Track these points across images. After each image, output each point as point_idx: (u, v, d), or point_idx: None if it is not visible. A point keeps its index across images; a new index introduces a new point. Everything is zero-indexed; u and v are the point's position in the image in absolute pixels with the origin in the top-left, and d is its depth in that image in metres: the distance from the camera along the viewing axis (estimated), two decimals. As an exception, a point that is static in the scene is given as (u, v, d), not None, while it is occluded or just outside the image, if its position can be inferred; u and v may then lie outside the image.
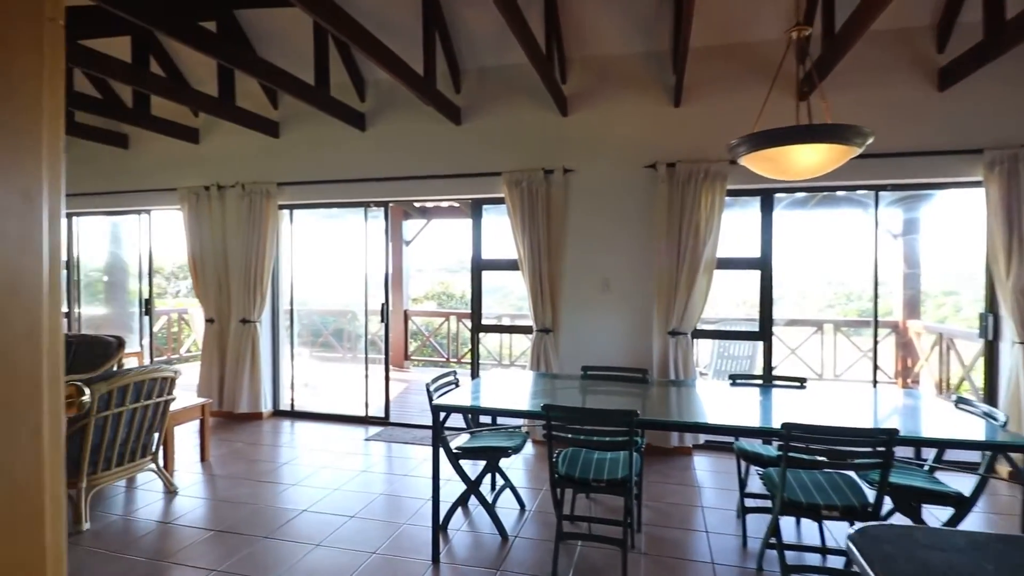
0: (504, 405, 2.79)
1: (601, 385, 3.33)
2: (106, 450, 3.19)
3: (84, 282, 6.85)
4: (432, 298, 16.12)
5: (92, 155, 6.11)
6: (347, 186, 5.11)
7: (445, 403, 2.77)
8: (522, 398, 3.03)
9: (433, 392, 3.01)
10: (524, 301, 4.55)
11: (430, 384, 3.01)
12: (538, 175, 4.46)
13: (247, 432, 4.94)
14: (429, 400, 2.88)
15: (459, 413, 2.83)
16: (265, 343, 5.46)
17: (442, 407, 2.73)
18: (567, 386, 3.33)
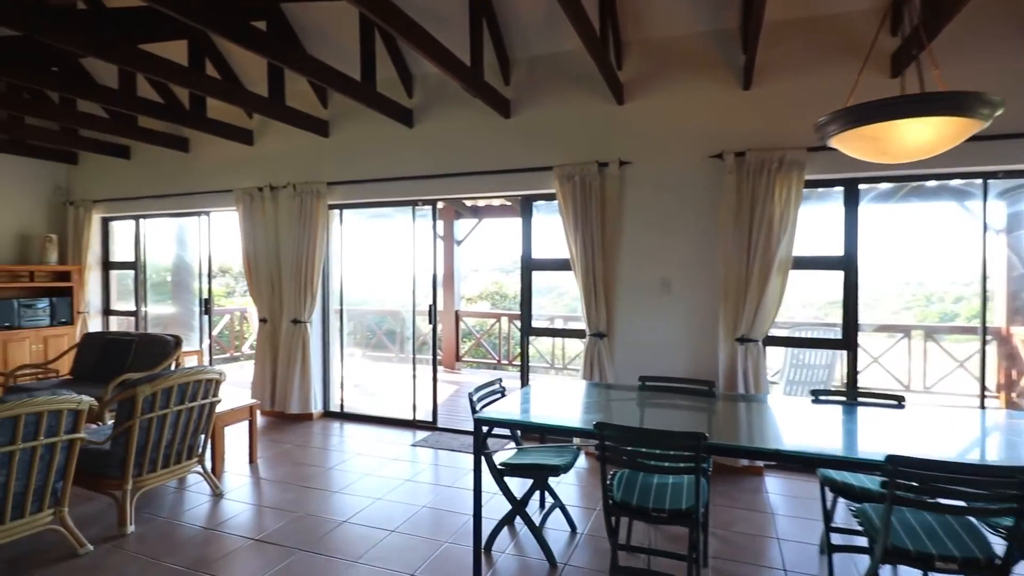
0: (553, 420, 2.53)
1: (661, 398, 3.01)
2: (151, 452, 3.17)
3: (151, 282, 7.11)
4: (486, 298, 16.03)
5: (156, 159, 6.30)
6: (395, 184, 5.00)
7: (488, 416, 2.54)
8: (573, 412, 2.76)
9: (477, 402, 2.79)
10: (579, 301, 4.27)
11: (473, 394, 2.79)
12: (591, 168, 4.17)
13: (296, 433, 4.91)
14: (472, 411, 2.67)
15: (504, 428, 2.58)
16: (315, 344, 5.44)
17: (485, 420, 2.51)
18: (623, 399, 3.03)
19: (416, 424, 5.13)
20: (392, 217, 6.36)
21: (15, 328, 5.99)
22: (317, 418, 5.42)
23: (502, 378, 3.12)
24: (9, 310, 5.95)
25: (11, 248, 6.44)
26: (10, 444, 2.46)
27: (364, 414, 5.44)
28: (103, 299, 6.93)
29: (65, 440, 2.68)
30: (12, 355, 5.93)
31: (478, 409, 2.73)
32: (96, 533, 2.99)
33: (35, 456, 2.57)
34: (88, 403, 2.73)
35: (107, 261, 6.94)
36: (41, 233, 6.59)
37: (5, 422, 2.43)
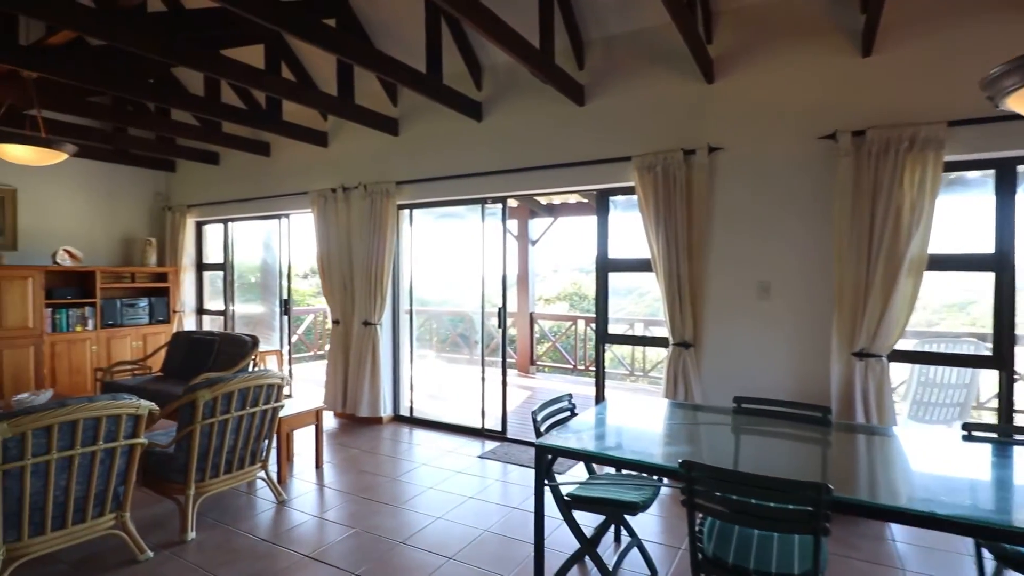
0: (630, 451, 2.16)
1: (761, 425, 2.53)
2: (213, 457, 3.12)
3: (238, 282, 7.41)
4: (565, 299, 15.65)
5: (241, 164, 6.51)
6: (463, 182, 4.77)
7: (552, 444, 2.20)
8: (654, 440, 2.36)
9: (541, 422, 2.46)
10: (661, 304, 3.83)
11: (537, 412, 2.46)
12: (676, 157, 3.71)
13: (364, 438, 4.82)
14: (536, 433, 2.34)
15: (571, 459, 2.21)
16: (385, 346, 5.35)
17: (549, 449, 2.17)
18: (714, 423, 2.59)
19: (484, 433, 4.88)
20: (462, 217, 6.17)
21: (118, 326, 6.40)
22: (386, 422, 5.32)
23: (572, 394, 2.76)
24: (113, 309, 6.36)
25: (117, 251, 6.91)
26: (69, 448, 2.44)
27: (433, 420, 5.27)
28: (196, 299, 7.29)
29: (125, 445, 2.65)
30: (115, 351, 6.34)
31: (542, 431, 2.40)
32: (158, 538, 2.96)
33: (95, 460, 2.55)
34: (147, 408, 2.69)
35: (200, 263, 7.30)
36: (142, 237, 7.03)
37: (65, 426, 2.41)
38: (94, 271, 6.21)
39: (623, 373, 7.77)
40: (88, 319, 6.14)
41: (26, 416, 2.30)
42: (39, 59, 3.59)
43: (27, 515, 2.38)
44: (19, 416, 2.28)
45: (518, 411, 5.81)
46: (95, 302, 6.19)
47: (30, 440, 2.32)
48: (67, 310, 5.98)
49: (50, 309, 5.84)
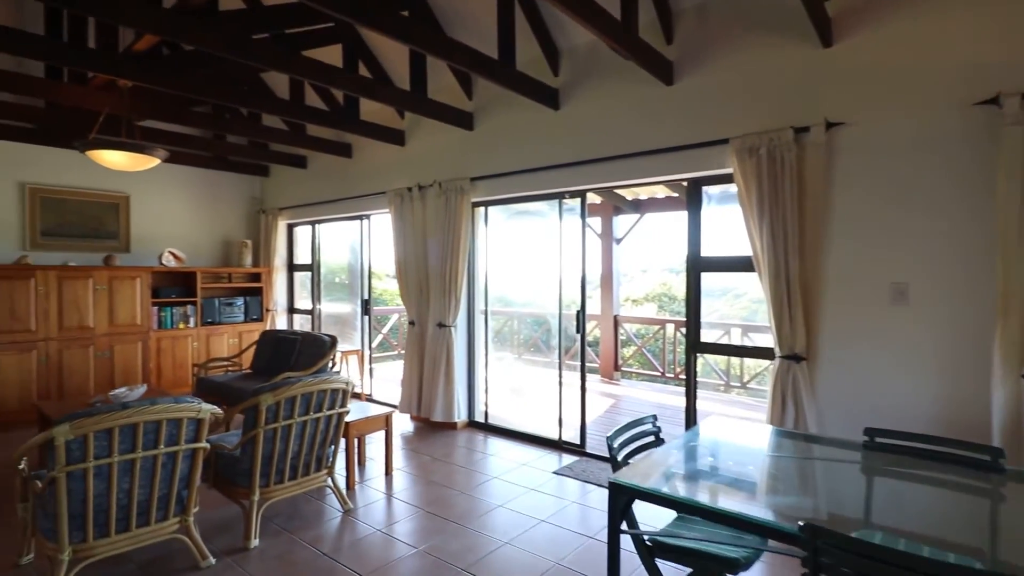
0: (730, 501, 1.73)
1: (903, 466, 2.00)
2: (278, 462, 3.03)
3: (326, 282, 7.60)
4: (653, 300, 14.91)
5: (326, 167, 6.64)
6: (539, 176, 4.46)
7: (629, 483, 1.82)
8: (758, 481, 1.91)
9: (617, 449, 2.08)
10: (763, 307, 3.30)
11: (613, 439, 2.09)
12: (784, 137, 3.16)
13: (437, 445, 4.64)
14: (612, 465, 1.98)
15: (653, 503, 1.81)
16: (460, 349, 5.16)
17: (625, 490, 1.79)
18: (837, 462, 2.08)
19: (562, 446, 4.53)
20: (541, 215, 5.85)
21: (216, 323, 6.73)
22: (460, 428, 5.13)
23: (656, 416, 2.36)
24: (212, 307, 6.70)
25: (217, 253, 7.31)
26: (131, 452, 2.41)
27: (508, 428, 5.00)
28: (288, 298, 7.56)
29: (187, 449, 2.59)
30: (213, 347, 6.68)
31: (619, 460, 2.03)
32: (223, 543, 2.92)
33: (156, 464, 2.51)
34: (208, 411, 2.62)
35: (291, 263, 7.56)
36: (239, 239, 7.38)
37: (125, 429, 2.38)
38: (195, 271, 6.57)
39: (717, 383, 7.10)
40: (190, 317, 6.51)
41: (88, 418, 2.28)
42: (136, 68, 3.72)
43: (91, 517, 2.37)
44: (81, 418, 2.27)
45: (600, 421, 5.41)
46: (196, 301, 6.55)
47: (92, 442, 2.30)
48: (171, 308, 6.37)
49: (156, 307, 6.24)
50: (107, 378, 5.78)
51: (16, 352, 5.21)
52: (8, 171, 5.66)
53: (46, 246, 5.89)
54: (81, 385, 5.60)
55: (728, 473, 2.05)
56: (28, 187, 5.78)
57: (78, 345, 5.59)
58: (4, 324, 5.14)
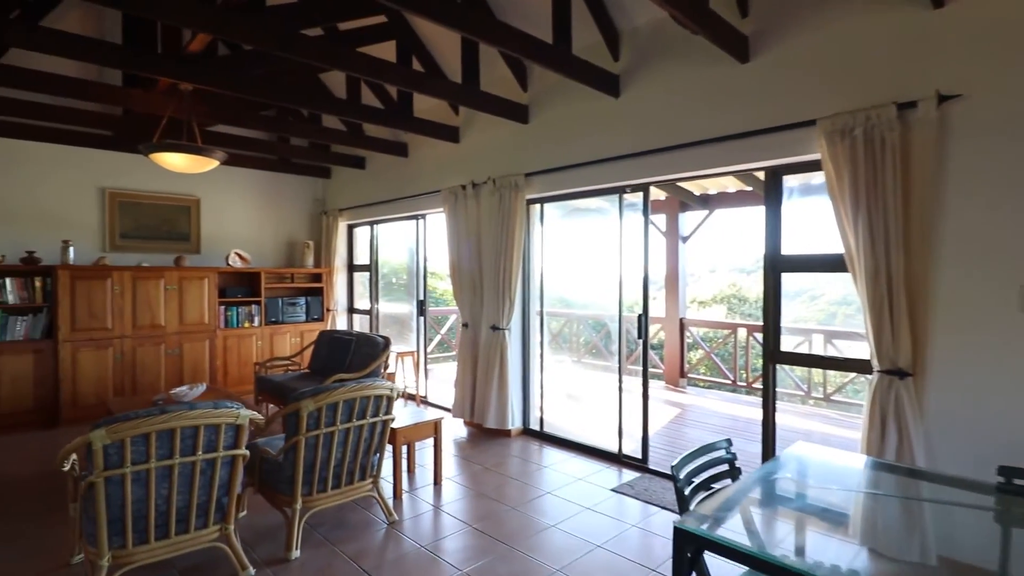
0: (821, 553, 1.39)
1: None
2: (320, 471, 2.92)
3: (385, 282, 7.61)
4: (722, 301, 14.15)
5: (383, 167, 6.62)
6: (598, 169, 4.16)
7: (697, 530, 1.51)
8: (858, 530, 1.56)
9: (683, 483, 1.77)
10: (842, 307, 2.84)
11: (679, 468, 1.78)
12: (885, 114, 2.71)
13: (490, 453, 4.44)
14: (679, 502, 1.68)
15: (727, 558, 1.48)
16: (514, 353, 4.94)
17: (694, 538, 1.48)
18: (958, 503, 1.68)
19: (622, 460, 4.21)
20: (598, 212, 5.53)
21: (279, 323, 6.86)
22: (515, 436, 4.90)
23: (731, 440, 2.03)
24: (275, 307, 6.84)
25: (281, 253, 7.47)
26: (168, 457, 2.34)
27: (564, 438, 4.72)
28: (348, 298, 7.62)
29: (226, 455, 2.51)
30: (276, 346, 6.81)
31: (686, 495, 1.72)
32: (265, 553, 2.83)
33: (195, 470, 2.43)
34: (247, 417, 2.53)
35: (351, 263, 7.62)
36: (302, 240, 7.52)
37: (163, 435, 2.31)
38: (260, 272, 6.72)
39: (797, 395, 6.50)
40: (254, 316, 6.66)
41: (124, 423, 2.22)
42: (188, 69, 3.74)
43: (130, 523, 2.32)
44: (118, 423, 2.21)
45: (664, 433, 5.03)
46: (260, 300, 6.70)
47: (128, 447, 2.25)
48: (237, 308, 6.54)
49: (223, 307, 6.42)
50: (177, 375, 5.99)
51: (94, 349, 5.47)
52: (90, 177, 5.98)
53: (124, 248, 6.19)
54: (153, 382, 5.82)
55: (819, 517, 1.69)
56: (108, 192, 6.08)
57: (150, 343, 5.82)
58: (83, 322, 5.40)
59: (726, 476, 1.91)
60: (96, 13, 5.24)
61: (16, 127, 5.41)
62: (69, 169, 5.85)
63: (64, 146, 5.76)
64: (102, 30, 5.24)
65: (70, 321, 5.33)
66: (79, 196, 5.92)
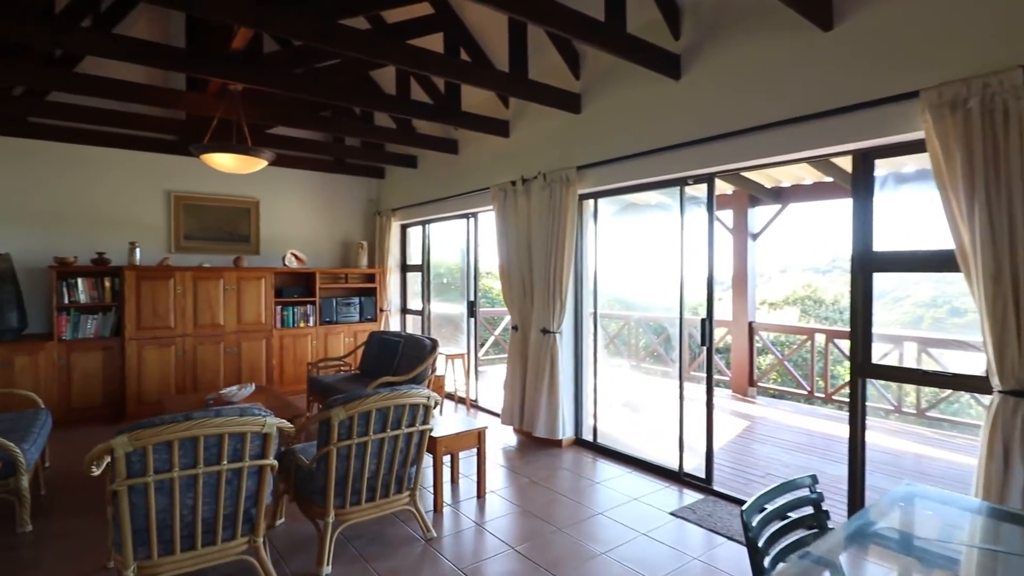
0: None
1: None
2: (354, 482, 2.75)
3: (437, 283, 7.51)
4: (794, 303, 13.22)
5: (434, 165, 6.50)
6: (657, 159, 3.81)
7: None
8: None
9: (756, 528, 1.44)
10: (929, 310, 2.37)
11: (750, 514, 1.45)
12: (1008, 81, 2.23)
13: (538, 465, 4.18)
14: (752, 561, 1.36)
15: None
16: (566, 358, 4.65)
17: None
18: None
19: (683, 479, 3.83)
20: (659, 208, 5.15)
21: (333, 323, 6.89)
22: (566, 446, 4.61)
23: (816, 476, 1.67)
24: (330, 307, 6.87)
25: (336, 254, 7.52)
26: (192, 467, 2.24)
27: (619, 451, 4.38)
28: (401, 298, 7.58)
29: (253, 465, 2.38)
30: (331, 346, 6.84)
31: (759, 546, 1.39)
32: (296, 566, 2.70)
33: (221, 480, 2.32)
34: (274, 425, 2.39)
35: (404, 264, 7.57)
36: (356, 240, 7.53)
37: (186, 443, 2.21)
38: (315, 272, 6.77)
39: (885, 409, 5.83)
40: (309, 316, 6.72)
41: (146, 430, 2.12)
42: (227, 67, 3.71)
43: (155, 533, 2.23)
44: (139, 430, 2.12)
45: (731, 448, 4.59)
46: (315, 300, 6.75)
47: (151, 455, 2.15)
48: (292, 307, 6.61)
49: (279, 306, 6.51)
50: (235, 373, 6.10)
51: (157, 347, 5.64)
52: (157, 180, 6.20)
53: (188, 248, 6.38)
54: (212, 379, 5.95)
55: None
56: (173, 194, 6.29)
57: (210, 342, 5.95)
58: (147, 321, 5.58)
59: (810, 521, 1.56)
60: (161, 19, 5.40)
61: (90, 134, 5.66)
62: (138, 173, 6.08)
63: (133, 151, 5.99)
64: (168, 35, 5.40)
65: (136, 320, 5.52)
66: (147, 199, 6.15)
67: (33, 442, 3.32)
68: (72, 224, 5.72)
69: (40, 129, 5.45)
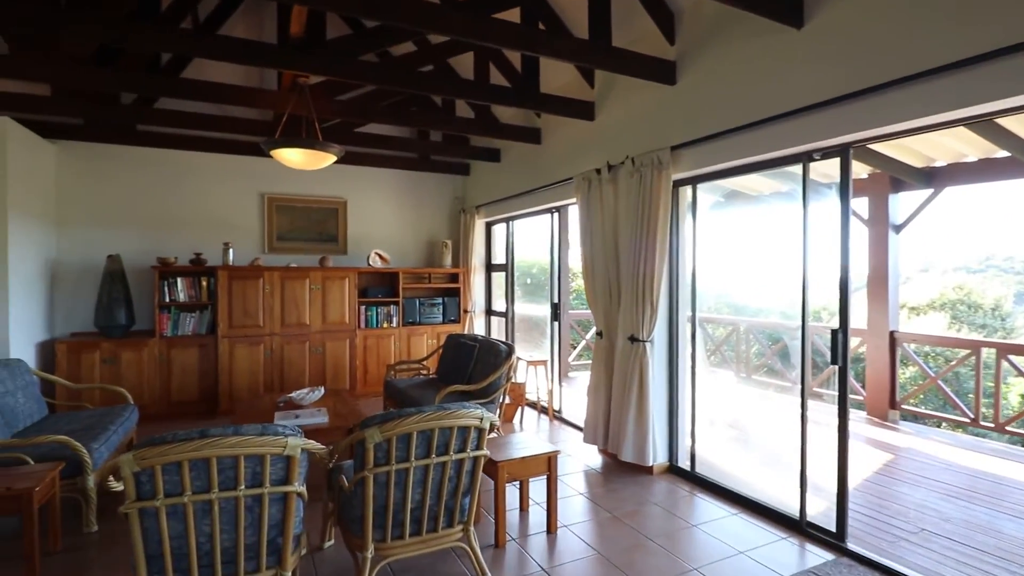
0: None
1: None
2: (395, 514, 2.39)
3: (522, 283, 7.11)
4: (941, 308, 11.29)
5: (517, 158, 6.11)
6: (770, 130, 3.08)
7: None
8: None
9: None
10: None
11: None
12: None
13: (623, 496, 3.60)
14: None
15: None
16: (658, 371, 4.02)
17: None
18: None
19: (805, 530, 3.07)
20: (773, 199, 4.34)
21: (416, 324, 6.73)
22: (658, 474, 3.98)
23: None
24: (413, 307, 6.72)
25: (421, 253, 7.37)
26: (205, 491, 1.97)
27: (722, 485, 3.67)
28: (485, 299, 7.27)
29: (275, 492, 2.08)
30: (414, 348, 6.69)
31: None
32: (330, 606, 2.38)
33: (239, 507, 2.04)
34: (297, 447, 2.07)
35: (489, 263, 7.25)
36: (440, 239, 7.34)
37: (198, 463, 1.94)
38: (398, 272, 6.64)
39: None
40: (392, 316, 6.60)
41: (151, 448, 1.88)
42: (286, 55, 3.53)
43: (169, 563, 1.99)
44: (145, 448, 1.88)
45: (869, 490, 3.71)
46: (398, 301, 6.62)
47: (160, 476, 1.91)
48: (376, 308, 6.52)
49: (363, 307, 6.44)
50: (319, 373, 6.11)
51: (247, 345, 5.76)
52: (252, 183, 6.37)
53: (280, 249, 6.50)
54: (298, 378, 5.98)
55: None
56: (267, 196, 6.43)
57: (296, 341, 5.99)
58: (238, 320, 5.71)
59: None
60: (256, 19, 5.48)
61: (191, 140, 5.90)
62: (234, 177, 6.28)
63: (231, 155, 6.19)
64: (262, 35, 5.48)
65: (228, 318, 5.66)
66: (243, 201, 6.34)
67: (104, 441, 3.34)
68: (173, 226, 6.00)
69: (147, 137, 5.75)
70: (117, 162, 5.76)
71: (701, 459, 3.96)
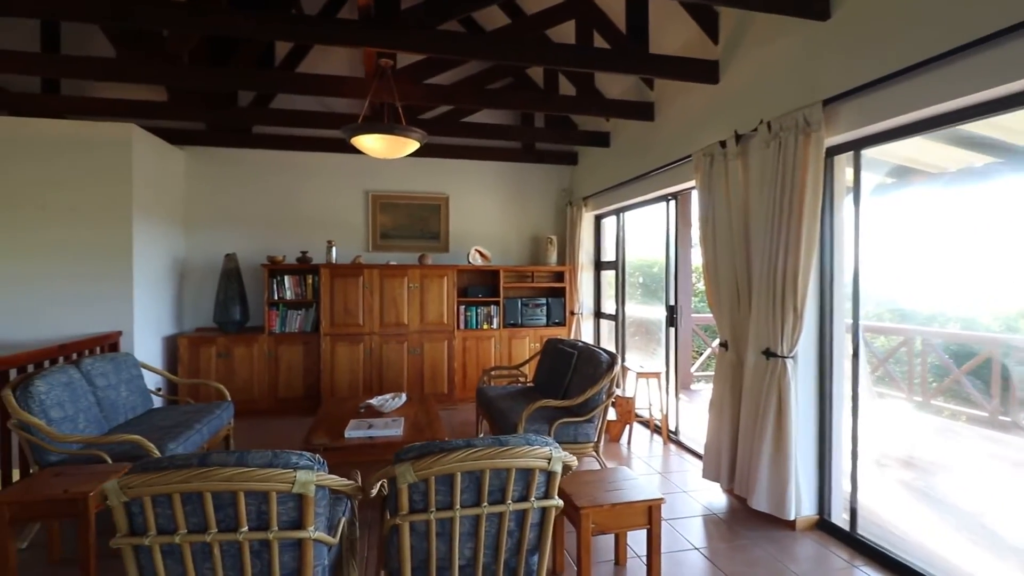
0: None
1: None
2: (439, 571, 1.89)
3: (634, 282, 6.36)
4: None
5: (628, 139, 5.42)
6: (995, 54, 2.11)
7: None
8: None
9: None
10: None
11: None
12: None
13: (753, 558, 2.78)
14: None
15: None
16: (804, 396, 3.12)
17: None
18: None
19: (1042, 646, 2.06)
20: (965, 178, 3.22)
21: (518, 326, 6.27)
22: (802, 530, 3.08)
23: None
24: (514, 308, 6.27)
25: (525, 250, 6.91)
26: (201, 531, 1.62)
27: (895, 556, 2.69)
28: (594, 300, 6.63)
29: (285, 537, 1.68)
30: (515, 351, 6.23)
31: None
32: (361, 676, 1.94)
33: (244, 552, 1.67)
34: (308, 483, 1.65)
35: (598, 261, 6.60)
36: (545, 235, 6.82)
37: (191, 497, 1.59)
38: (498, 270, 6.24)
39: None
40: (493, 317, 6.21)
41: (139, 475, 1.56)
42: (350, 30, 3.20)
43: (167, 611, 1.68)
44: (132, 475, 1.57)
45: None
46: (499, 301, 6.22)
47: (151, 510, 1.59)
48: (476, 308, 6.17)
49: (462, 307, 6.12)
50: (417, 375, 5.89)
51: (348, 344, 5.69)
52: (357, 181, 6.35)
53: (384, 247, 6.42)
54: (395, 379, 5.81)
55: None
56: (371, 194, 6.38)
57: (395, 340, 5.83)
58: (340, 318, 5.66)
59: None
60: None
61: (299, 140, 5.99)
62: (340, 175, 6.30)
63: (336, 154, 6.20)
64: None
65: (330, 316, 5.64)
66: (348, 199, 6.34)
67: (184, 441, 3.27)
68: (283, 225, 6.14)
69: (261, 139, 5.93)
70: (235, 165, 6.00)
71: (865, 514, 2.99)
